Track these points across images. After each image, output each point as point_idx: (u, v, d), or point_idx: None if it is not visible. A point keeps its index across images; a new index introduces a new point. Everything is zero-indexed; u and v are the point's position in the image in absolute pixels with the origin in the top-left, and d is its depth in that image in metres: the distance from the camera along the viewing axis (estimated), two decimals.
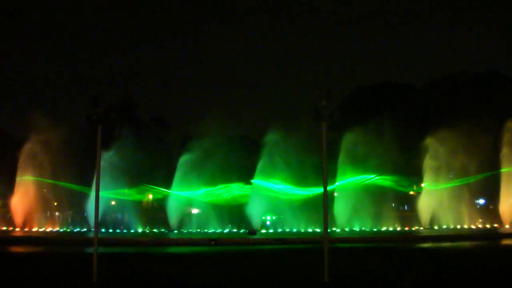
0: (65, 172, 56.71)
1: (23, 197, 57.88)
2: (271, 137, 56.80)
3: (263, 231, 54.75)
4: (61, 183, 58.28)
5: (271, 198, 57.25)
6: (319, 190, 54.97)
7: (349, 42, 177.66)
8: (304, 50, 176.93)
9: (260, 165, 57.46)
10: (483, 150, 56.39)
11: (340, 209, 57.29)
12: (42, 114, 57.22)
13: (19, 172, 58.46)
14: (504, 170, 59.56)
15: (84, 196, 56.74)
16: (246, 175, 58.77)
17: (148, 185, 60.12)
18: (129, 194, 60.05)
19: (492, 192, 61.28)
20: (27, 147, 58.11)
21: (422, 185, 60.48)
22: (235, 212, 57.46)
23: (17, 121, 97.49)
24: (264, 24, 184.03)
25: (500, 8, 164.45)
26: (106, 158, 51.67)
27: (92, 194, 43.50)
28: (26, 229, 56.66)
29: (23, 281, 19.95)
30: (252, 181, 58.23)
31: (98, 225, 20.19)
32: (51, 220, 61.44)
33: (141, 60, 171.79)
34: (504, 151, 59.21)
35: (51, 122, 56.46)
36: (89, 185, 51.78)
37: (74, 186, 58.36)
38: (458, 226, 56.13)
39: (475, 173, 58.00)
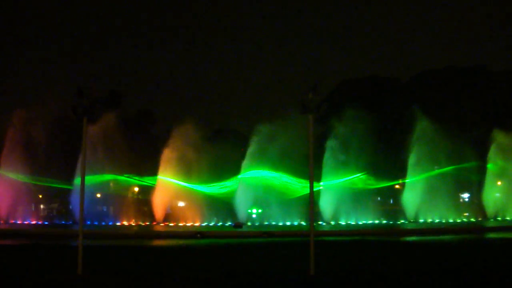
0: (48, 167, 56.07)
1: (7, 190, 57.15)
2: (258, 132, 56.81)
3: (249, 224, 54.83)
4: (42, 183, 57.97)
5: (258, 192, 57.39)
6: None
7: (336, 35, 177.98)
8: (291, 43, 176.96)
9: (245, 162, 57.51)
10: (467, 144, 57.11)
11: (326, 203, 57.43)
12: (24, 107, 56.61)
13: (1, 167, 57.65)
14: (489, 165, 60.64)
15: (68, 189, 56.40)
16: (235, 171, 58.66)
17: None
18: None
19: (476, 186, 61.97)
20: (9, 141, 57.27)
21: (407, 180, 60.68)
22: (221, 205, 57.35)
23: None
24: (252, 16, 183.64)
25: (487, 1, 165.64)
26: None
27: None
28: (10, 222, 56.09)
29: (6, 274, 19.74)
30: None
31: (83, 217, 20.09)
32: (36, 213, 60.89)
33: (128, 53, 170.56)
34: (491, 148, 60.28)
35: (34, 115, 55.81)
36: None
37: (55, 184, 58.07)
38: (443, 220, 56.54)
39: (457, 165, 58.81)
